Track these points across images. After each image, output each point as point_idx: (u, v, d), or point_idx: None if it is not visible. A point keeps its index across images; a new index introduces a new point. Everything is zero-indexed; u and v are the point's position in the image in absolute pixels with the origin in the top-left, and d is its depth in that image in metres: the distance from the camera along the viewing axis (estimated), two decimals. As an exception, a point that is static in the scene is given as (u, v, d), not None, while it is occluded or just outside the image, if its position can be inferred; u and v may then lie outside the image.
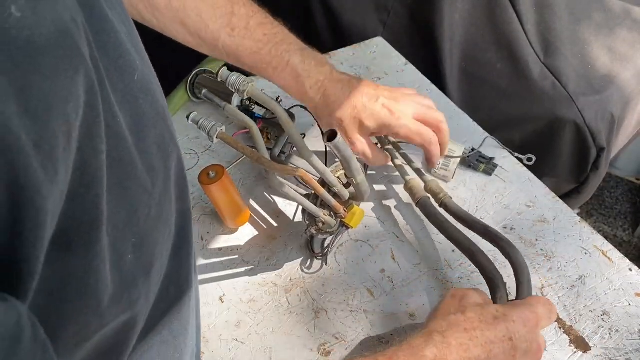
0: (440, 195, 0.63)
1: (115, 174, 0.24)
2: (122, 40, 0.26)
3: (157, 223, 0.28)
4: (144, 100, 0.27)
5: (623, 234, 1.64)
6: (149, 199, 0.27)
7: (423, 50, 1.05)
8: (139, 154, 0.26)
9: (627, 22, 1.07)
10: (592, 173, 1.02)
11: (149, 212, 0.27)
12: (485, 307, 0.47)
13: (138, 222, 0.26)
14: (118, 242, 0.24)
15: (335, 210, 0.57)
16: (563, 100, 0.99)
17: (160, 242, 0.29)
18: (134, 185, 0.25)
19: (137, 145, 0.25)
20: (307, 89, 0.60)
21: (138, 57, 0.27)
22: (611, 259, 0.62)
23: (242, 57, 0.60)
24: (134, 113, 0.26)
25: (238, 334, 0.57)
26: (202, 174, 0.60)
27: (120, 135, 0.24)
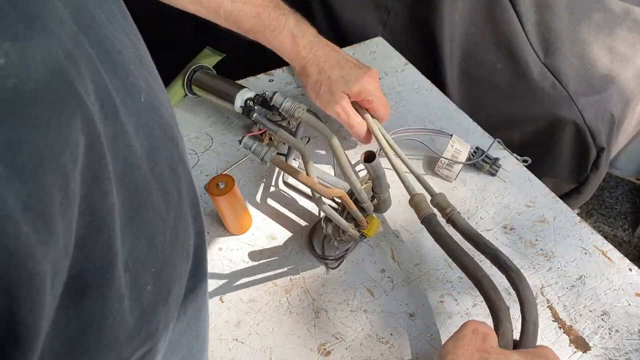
0: (448, 210, 0.58)
1: (134, 206, 0.23)
2: (127, 59, 0.24)
3: (174, 247, 0.27)
4: (153, 121, 0.26)
5: (623, 234, 1.64)
6: (164, 224, 0.26)
7: (423, 50, 1.05)
8: (154, 179, 0.25)
9: (627, 22, 1.07)
10: (592, 173, 1.03)
11: (164, 238, 0.26)
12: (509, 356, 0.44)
13: (157, 250, 0.25)
14: (140, 275, 0.23)
15: (360, 224, 0.60)
16: (563, 100, 0.99)
17: (177, 265, 0.28)
18: (151, 213, 0.24)
19: (153, 170, 0.25)
20: (301, 48, 0.67)
21: (146, 73, 0.26)
22: (611, 259, 0.62)
23: (242, 21, 0.65)
24: (147, 136, 0.25)
25: (238, 334, 0.57)
26: (211, 183, 0.60)
27: (135, 165, 0.23)
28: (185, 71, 0.78)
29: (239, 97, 0.71)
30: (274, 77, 0.89)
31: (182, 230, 0.28)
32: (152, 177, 0.24)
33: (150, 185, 0.24)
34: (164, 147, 0.26)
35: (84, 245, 0.19)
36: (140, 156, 0.23)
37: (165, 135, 0.27)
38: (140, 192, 0.23)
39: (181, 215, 0.28)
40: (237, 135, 0.79)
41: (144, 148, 0.24)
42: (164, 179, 0.26)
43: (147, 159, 0.24)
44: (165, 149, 0.27)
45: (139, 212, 0.23)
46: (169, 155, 0.27)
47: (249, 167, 0.75)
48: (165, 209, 0.26)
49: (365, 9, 1.08)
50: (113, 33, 0.24)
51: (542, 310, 0.58)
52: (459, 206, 0.68)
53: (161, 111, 0.27)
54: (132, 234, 0.22)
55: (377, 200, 0.61)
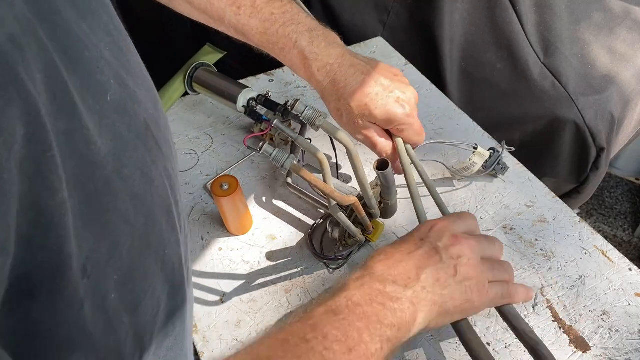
0: None
1: (94, 208, 0.21)
2: (96, 56, 0.23)
3: (144, 255, 0.26)
4: (121, 122, 0.24)
5: (623, 234, 1.64)
6: (131, 229, 0.24)
7: (423, 50, 1.05)
8: (121, 181, 0.23)
9: (627, 22, 1.07)
10: (592, 173, 1.03)
11: (131, 244, 0.24)
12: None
13: (120, 257, 0.24)
14: (101, 282, 0.22)
15: (366, 229, 0.60)
16: (563, 100, 0.99)
17: (150, 276, 0.26)
18: (114, 217, 0.23)
19: (119, 172, 0.23)
20: (315, 72, 0.57)
21: (123, 72, 0.25)
22: (611, 259, 0.62)
23: (248, 36, 0.58)
24: (114, 137, 0.23)
25: (238, 334, 0.57)
26: (214, 183, 0.60)
27: (97, 163, 0.22)
28: (186, 68, 0.77)
29: (242, 97, 0.71)
30: (274, 77, 0.89)
31: (154, 237, 0.27)
32: (119, 179, 0.23)
33: (114, 186, 0.23)
34: (133, 150, 0.25)
35: (30, 244, 0.18)
36: (104, 156, 0.22)
37: (137, 137, 0.25)
38: (102, 194, 0.22)
39: (154, 221, 0.27)
40: (238, 135, 0.79)
41: (109, 148, 0.22)
42: (132, 182, 0.24)
43: (113, 160, 0.23)
44: (135, 151, 0.25)
45: (99, 215, 0.22)
46: (141, 158, 0.25)
47: (249, 167, 0.75)
48: (133, 213, 0.24)
49: (365, 9, 1.08)
50: (83, 29, 0.23)
51: (542, 310, 0.58)
52: (459, 206, 0.68)
53: (135, 112, 0.26)
54: (90, 237, 0.21)
55: (384, 206, 0.61)
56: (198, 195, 0.71)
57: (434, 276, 0.45)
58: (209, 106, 0.84)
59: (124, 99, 0.25)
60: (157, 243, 0.27)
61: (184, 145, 0.78)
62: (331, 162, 0.75)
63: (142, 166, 0.26)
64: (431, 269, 0.45)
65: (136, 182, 0.25)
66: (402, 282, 0.44)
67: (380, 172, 0.53)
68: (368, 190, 0.56)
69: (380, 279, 0.43)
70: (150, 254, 0.26)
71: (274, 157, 0.54)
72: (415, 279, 0.44)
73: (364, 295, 0.42)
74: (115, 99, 0.24)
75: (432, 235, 0.48)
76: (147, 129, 0.26)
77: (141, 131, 0.26)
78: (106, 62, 0.24)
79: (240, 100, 0.70)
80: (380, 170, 0.53)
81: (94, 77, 0.22)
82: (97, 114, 0.22)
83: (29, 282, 0.18)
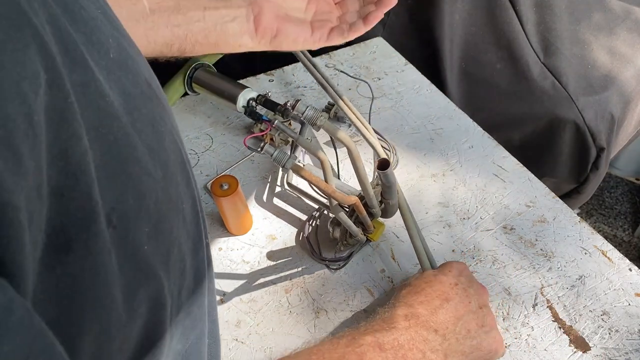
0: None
1: (115, 158, 0.21)
2: (92, 15, 0.23)
3: (168, 209, 0.26)
4: (126, 78, 0.24)
5: (623, 234, 1.64)
6: (154, 183, 0.24)
7: (423, 50, 1.05)
8: (137, 134, 0.23)
9: (627, 22, 1.07)
10: (592, 173, 1.03)
11: (157, 197, 0.24)
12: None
13: (148, 208, 0.23)
14: (130, 233, 0.22)
15: (367, 228, 0.60)
16: (563, 100, 0.99)
17: (175, 228, 0.27)
18: (137, 169, 0.23)
19: (134, 126, 0.23)
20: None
21: (116, 33, 0.25)
22: (611, 259, 0.62)
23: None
24: (122, 92, 0.23)
25: (238, 334, 0.57)
26: (214, 184, 0.60)
27: (114, 115, 0.22)
28: (186, 68, 0.78)
29: (242, 97, 0.71)
30: (274, 77, 0.89)
31: (173, 191, 0.27)
32: (135, 131, 0.23)
33: (133, 139, 0.23)
34: (142, 105, 0.25)
35: (62, 194, 0.18)
36: (118, 108, 0.22)
37: (142, 94, 0.26)
38: (122, 145, 0.22)
39: (171, 175, 0.27)
40: (238, 135, 0.79)
41: (119, 102, 0.22)
42: (146, 136, 0.24)
43: (126, 114, 0.23)
44: (143, 106, 0.25)
45: (122, 166, 0.22)
46: (149, 113, 0.26)
47: (249, 167, 0.75)
48: (152, 166, 0.24)
49: (365, 9, 1.08)
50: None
51: (542, 310, 0.58)
52: (459, 206, 0.68)
53: (136, 69, 0.26)
54: (115, 188, 0.21)
55: (385, 206, 0.61)
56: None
57: (466, 327, 0.48)
58: (209, 106, 0.84)
59: (124, 57, 0.25)
60: (176, 197, 0.27)
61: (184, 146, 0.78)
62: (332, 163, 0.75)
63: (152, 121, 0.26)
64: (465, 319, 0.48)
65: (149, 136, 0.25)
66: (441, 332, 0.46)
67: (382, 172, 0.53)
68: (369, 189, 0.56)
69: (425, 325, 0.46)
70: (172, 208, 0.26)
71: (275, 158, 0.54)
72: (452, 329, 0.47)
73: (409, 339, 0.44)
74: (116, 57, 0.24)
75: (463, 280, 0.51)
76: (149, 86, 0.27)
77: (144, 88, 0.26)
78: (101, 22, 0.24)
79: (240, 101, 0.70)
80: (381, 170, 0.53)
81: (95, 34, 0.22)
82: (104, 69, 0.22)
83: (64, 234, 0.18)
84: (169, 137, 0.27)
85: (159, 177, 0.25)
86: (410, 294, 0.49)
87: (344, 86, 0.87)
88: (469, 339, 0.47)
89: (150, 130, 0.25)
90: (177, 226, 0.27)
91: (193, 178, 0.31)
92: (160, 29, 0.51)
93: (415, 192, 0.70)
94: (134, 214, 0.22)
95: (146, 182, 0.23)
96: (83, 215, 0.19)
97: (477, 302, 0.50)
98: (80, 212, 0.19)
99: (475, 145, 0.76)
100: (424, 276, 0.52)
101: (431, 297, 0.48)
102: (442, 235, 0.65)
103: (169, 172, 0.26)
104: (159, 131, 0.26)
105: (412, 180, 0.72)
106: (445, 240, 0.65)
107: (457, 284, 0.50)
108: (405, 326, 0.45)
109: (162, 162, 0.26)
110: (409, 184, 0.71)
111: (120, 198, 0.21)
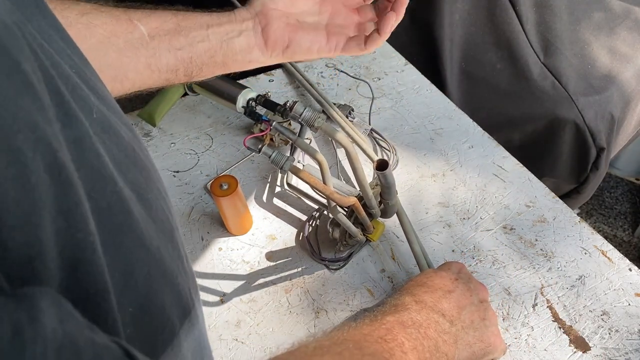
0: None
1: (107, 227, 0.19)
2: (69, 73, 0.21)
3: (160, 284, 0.23)
4: (109, 141, 0.22)
5: (623, 234, 1.64)
6: (147, 254, 0.22)
7: (423, 50, 1.05)
8: (136, 200, 0.21)
9: (627, 22, 1.07)
10: (592, 173, 1.03)
11: (148, 271, 0.22)
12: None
13: (136, 285, 0.21)
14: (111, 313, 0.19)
15: (366, 229, 0.61)
16: (563, 100, 0.99)
17: (169, 309, 0.23)
18: (128, 238, 0.20)
19: (129, 190, 0.21)
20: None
21: (90, 91, 0.22)
22: (611, 259, 0.62)
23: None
24: (109, 154, 0.21)
25: (238, 334, 0.57)
26: (214, 184, 0.60)
27: (108, 177, 0.19)
28: None
29: (241, 97, 0.71)
30: (274, 77, 0.89)
31: (166, 265, 0.24)
32: (129, 196, 0.21)
33: (126, 204, 0.20)
34: (126, 170, 0.22)
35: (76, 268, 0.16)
36: (112, 170, 0.20)
37: (127, 157, 0.23)
38: (115, 212, 0.20)
39: (163, 247, 0.24)
40: (237, 135, 0.79)
41: (111, 164, 0.20)
42: (134, 204, 0.22)
43: (119, 175, 0.20)
44: (128, 171, 0.23)
45: (112, 236, 0.19)
46: (135, 179, 0.23)
47: (249, 167, 0.75)
48: (147, 236, 0.22)
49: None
50: (53, 47, 0.20)
51: (542, 310, 0.58)
52: (459, 206, 0.68)
53: (118, 131, 0.23)
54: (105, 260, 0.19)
55: (385, 206, 0.61)
56: (198, 195, 0.71)
57: (470, 317, 0.48)
58: (209, 106, 0.84)
59: (106, 117, 0.22)
60: (169, 271, 0.24)
61: (184, 145, 0.78)
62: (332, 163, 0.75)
63: (138, 188, 0.23)
64: (468, 309, 0.49)
65: (136, 204, 0.22)
66: (448, 318, 0.46)
67: (381, 172, 0.53)
68: (367, 190, 0.57)
69: (434, 309, 0.46)
70: (166, 284, 0.24)
71: (273, 159, 0.54)
72: (457, 317, 0.47)
73: (425, 318, 0.45)
74: (99, 117, 0.21)
75: (463, 276, 0.52)
76: (132, 149, 0.24)
77: (129, 151, 0.23)
78: (81, 81, 0.22)
79: (239, 101, 0.70)
80: (380, 171, 0.53)
81: (77, 91, 0.20)
82: (90, 128, 0.20)
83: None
84: (156, 203, 0.25)
85: (154, 248, 0.22)
86: (413, 287, 0.50)
87: (344, 86, 0.87)
88: (472, 330, 0.48)
89: (135, 197, 0.22)
90: (170, 305, 0.24)
91: (183, 250, 0.28)
92: (162, 55, 0.47)
93: (415, 192, 0.70)
94: (118, 292, 0.19)
95: (137, 255, 0.21)
96: (95, 291, 0.17)
97: (477, 296, 0.51)
98: (93, 286, 0.17)
99: (475, 145, 0.76)
100: (425, 273, 0.53)
101: (434, 289, 0.49)
102: (442, 235, 0.65)
103: (161, 243, 0.24)
104: (144, 198, 0.23)
105: (412, 180, 0.72)
106: (445, 240, 0.65)
107: (458, 279, 0.51)
108: (417, 308, 0.46)
109: (151, 232, 0.23)
110: (409, 184, 0.71)
111: (109, 272, 0.19)
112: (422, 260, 0.60)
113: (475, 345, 0.48)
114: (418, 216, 0.67)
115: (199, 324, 0.29)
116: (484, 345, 0.49)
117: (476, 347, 0.48)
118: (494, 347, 0.49)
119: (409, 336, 0.41)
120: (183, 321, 0.25)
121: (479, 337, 0.48)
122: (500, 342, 0.50)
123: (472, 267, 0.62)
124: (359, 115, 0.81)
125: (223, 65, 0.51)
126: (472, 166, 0.73)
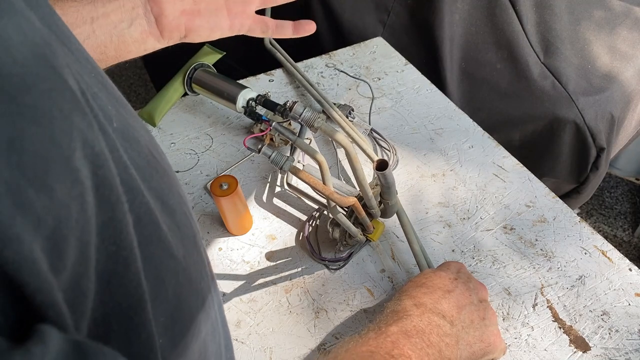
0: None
1: (138, 240, 0.18)
2: (89, 81, 0.20)
3: (188, 293, 0.23)
4: (131, 149, 0.21)
5: (623, 234, 1.64)
6: (175, 264, 0.21)
7: (423, 50, 1.05)
8: (160, 209, 0.21)
9: (627, 21, 1.07)
10: (592, 173, 1.03)
11: (176, 280, 0.21)
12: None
13: (167, 295, 0.20)
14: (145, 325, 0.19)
15: (366, 229, 0.61)
16: (563, 100, 0.99)
17: (195, 315, 0.23)
18: (158, 249, 0.20)
19: (153, 198, 0.21)
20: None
21: (113, 99, 0.22)
22: (611, 259, 0.62)
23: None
24: (132, 163, 0.20)
25: (238, 334, 0.57)
26: (214, 184, 0.60)
27: (136, 189, 0.19)
28: (185, 69, 0.77)
29: (241, 97, 0.71)
30: (274, 77, 0.89)
31: (194, 270, 0.24)
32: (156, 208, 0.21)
33: (154, 215, 0.20)
34: (150, 177, 0.22)
35: (109, 282, 0.16)
36: (139, 182, 0.20)
37: (148, 164, 0.23)
38: (145, 224, 0.19)
39: (189, 254, 0.24)
40: (237, 135, 0.79)
41: (137, 173, 0.20)
42: (159, 212, 0.22)
43: (143, 184, 0.20)
44: (151, 179, 0.22)
45: (142, 248, 0.19)
46: (157, 186, 0.23)
47: (249, 167, 0.75)
48: (175, 245, 0.22)
49: (365, 9, 1.08)
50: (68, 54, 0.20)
51: (542, 310, 0.58)
52: (459, 206, 0.68)
53: (137, 138, 0.23)
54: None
55: (384, 206, 0.62)
56: (198, 195, 0.71)
57: (470, 317, 0.49)
58: (209, 106, 0.84)
59: (124, 123, 0.22)
60: (194, 277, 0.24)
61: (184, 145, 0.78)
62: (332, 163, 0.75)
63: (161, 195, 0.23)
64: (467, 309, 0.49)
65: (161, 212, 0.22)
66: (449, 318, 0.47)
67: (380, 172, 0.53)
68: (367, 190, 0.57)
69: (434, 311, 0.47)
70: (192, 291, 0.23)
71: (272, 160, 0.54)
72: (457, 316, 0.47)
73: (427, 323, 0.45)
74: (119, 126, 0.21)
75: (462, 276, 0.52)
76: (151, 153, 0.24)
77: (148, 156, 0.23)
78: (98, 89, 0.21)
79: (239, 101, 0.70)
80: (380, 171, 0.53)
81: (97, 100, 0.20)
82: (116, 140, 0.19)
83: (107, 325, 0.16)
84: (179, 209, 0.24)
85: (181, 257, 0.22)
86: (412, 288, 0.50)
87: (344, 86, 0.87)
88: (472, 329, 0.48)
89: (160, 205, 0.22)
90: (197, 312, 0.24)
91: (205, 253, 0.28)
92: None
93: (415, 192, 0.70)
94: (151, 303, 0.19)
95: (166, 265, 0.21)
96: (128, 305, 0.17)
97: (477, 295, 0.51)
98: (128, 300, 0.17)
99: (475, 145, 0.76)
100: (424, 273, 0.53)
101: (433, 289, 0.49)
102: (442, 235, 0.65)
103: (187, 251, 0.24)
104: (167, 205, 0.23)
105: (412, 180, 0.72)
106: (445, 240, 0.65)
107: (457, 279, 0.51)
108: (418, 313, 0.46)
109: (177, 240, 0.23)
110: (409, 184, 0.71)
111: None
112: (422, 260, 0.60)
113: (476, 345, 0.48)
114: (418, 216, 0.67)
115: (219, 327, 0.29)
116: (484, 345, 0.49)
117: (476, 346, 0.48)
118: (494, 347, 0.49)
119: (414, 347, 0.42)
120: (207, 325, 0.25)
121: (479, 337, 0.48)
122: (500, 342, 0.50)
123: (472, 267, 0.62)
124: (359, 115, 0.81)
125: (116, 59, 0.46)
126: (472, 166, 0.73)
